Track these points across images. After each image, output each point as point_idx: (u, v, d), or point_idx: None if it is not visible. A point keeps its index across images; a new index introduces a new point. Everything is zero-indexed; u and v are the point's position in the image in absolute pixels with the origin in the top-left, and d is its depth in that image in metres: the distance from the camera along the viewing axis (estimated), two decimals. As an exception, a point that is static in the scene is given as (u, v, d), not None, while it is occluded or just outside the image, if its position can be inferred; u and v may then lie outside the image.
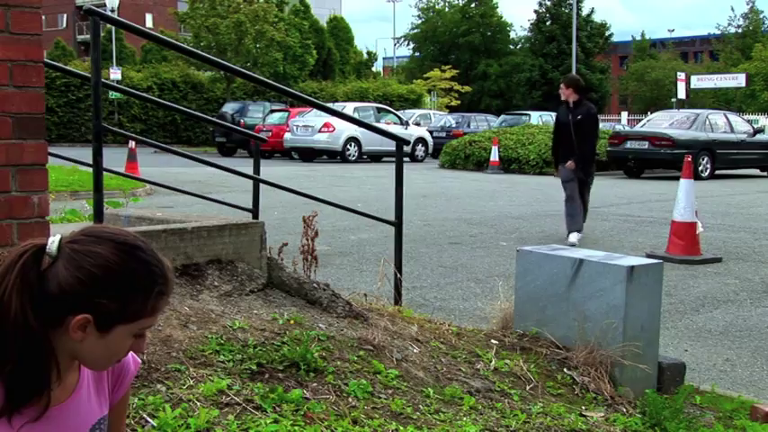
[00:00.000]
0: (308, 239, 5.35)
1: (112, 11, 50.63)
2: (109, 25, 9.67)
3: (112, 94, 36.13)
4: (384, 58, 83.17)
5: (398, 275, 5.54)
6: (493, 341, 4.42)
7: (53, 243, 1.62)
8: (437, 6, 68.65)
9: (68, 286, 1.60)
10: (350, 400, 3.43)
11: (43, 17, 3.68)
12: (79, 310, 1.61)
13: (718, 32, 57.06)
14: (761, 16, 53.39)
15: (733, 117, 24.16)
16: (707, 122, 22.32)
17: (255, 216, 5.82)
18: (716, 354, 5.68)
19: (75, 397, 1.75)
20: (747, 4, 55.36)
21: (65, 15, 75.07)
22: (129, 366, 1.88)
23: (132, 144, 17.35)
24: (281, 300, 4.56)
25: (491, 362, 4.13)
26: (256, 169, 6.31)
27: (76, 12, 71.91)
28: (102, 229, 1.70)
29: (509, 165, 23.40)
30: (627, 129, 29.99)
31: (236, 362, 3.53)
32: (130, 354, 1.84)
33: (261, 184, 6.09)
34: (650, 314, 4.37)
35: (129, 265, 1.64)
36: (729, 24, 55.52)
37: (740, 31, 54.06)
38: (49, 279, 1.60)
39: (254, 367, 3.51)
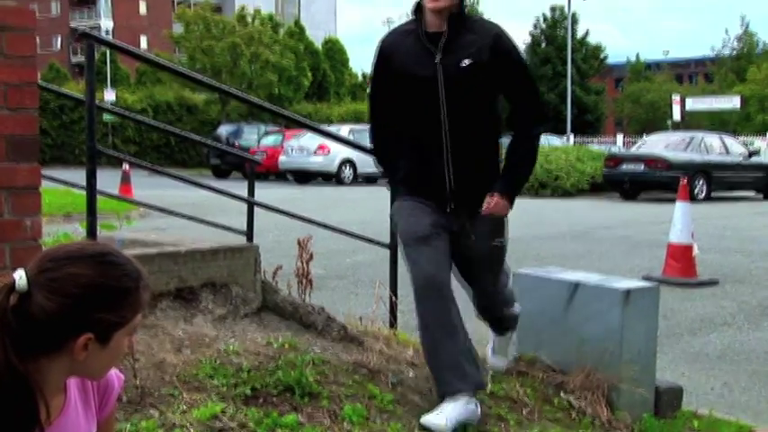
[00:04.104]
0: (302, 262, 5.33)
1: (107, 33, 50.82)
2: (103, 47, 9.69)
3: (107, 116, 36.15)
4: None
5: (394, 298, 5.53)
6: (488, 365, 4.41)
7: (21, 278, 1.60)
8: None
9: (58, 313, 1.60)
10: (345, 424, 3.41)
11: (38, 39, 3.69)
12: (77, 331, 1.62)
13: (713, 55, 57.28)
14: (755, 39, 53.59)
15: (728, 139, 24.24)
16: (702, 145, 22.42)
17: (250, 239, 5.81)
18: (713, 377, 5.66)
19: (63, 417, 1.75)
20: (741, 27, 55.66)
21: (59, 37, 75.33)
22: (114, 383, 1.89)
23: (126, 166, 17.32)
24: (275, 323, 4.54)
25: (488, 386, 4.11)
26: (251, 191, 6.30)
27: (71, 34, 72.09)
28: (64, 249, 1.70)
29: (505, 187, 23.40)
30: (622, 151, 30.04)
31: (231, 386, 3.51)
32: (113, 371, 1.86)
33: (256, 207, 6.08)
34: (647, 337, 4.36)
35: (109, 274, 1.66)
36: (724, 46, 55.74)
37: (735, 53, 54.28)
38: (32, 313, 1.59)
39: (249, 392, 3.49)
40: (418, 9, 3.82)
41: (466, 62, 3.72)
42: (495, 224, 3.93)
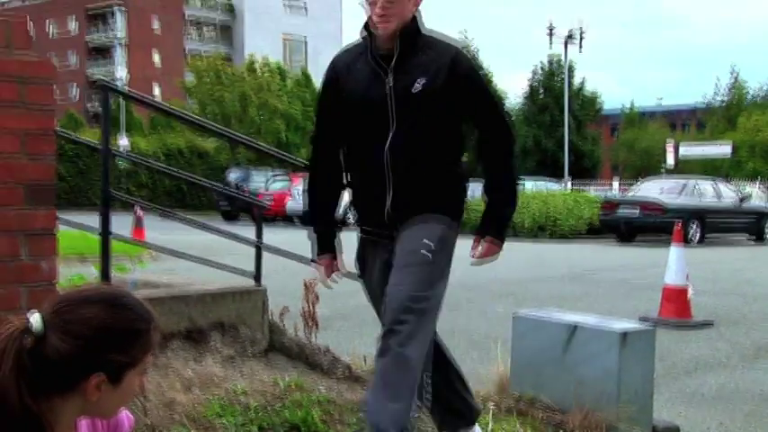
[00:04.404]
0: (309, 304, 5.33)
1: (122, 82, 51.10)
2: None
3: (120, 162, 36.33)
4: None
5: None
6: (490, 404, 4.39)
7: (36, 321, 1.61)
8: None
9: (72, 354, 1.60)
10: (349, 463, 3.39)
11: (56, 89, 3.72)
12: (90, 371, 1.62)
13: (705, 103, 57.51)
14: (744, 89, 53.82)
15: (720, 185, 24.27)
16: (696, 190, 22.48)
17: (258, 281, 5.80)
18: (709, 417, 5.62)
19: None
20: (731, 77, 55.96)
21: (74, 85, 75.80)
22: (124, 422, 1.89)
23: (139, 210, 17.38)
24: (282, 363, 4.53)
25: (488, 425, 4.09)
26: (259, 235, 6.31)
27: (87, 83, 72.62)
28: (78, 292, 1.71)
29: (504, 230, 23.44)
30: (618, 196, 30.08)
31: (239, 425, 3.50)
32: (124, 410, 1.85)
33: (263, 250, 6.08)
34: (644, 378, 4.34)
35: (121, 316, 1.67)
36: (715, 95, 55.98)
37: (725, 102, 54.49)
38: (47, 355, 1.60)
39: (256, 430, 3.48)
40: (368, 27, 3.38)
41: (419, 85, 3.26)
42: (427, 231, 3.37)
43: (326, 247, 3.65)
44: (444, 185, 3.45)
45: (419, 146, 3.33)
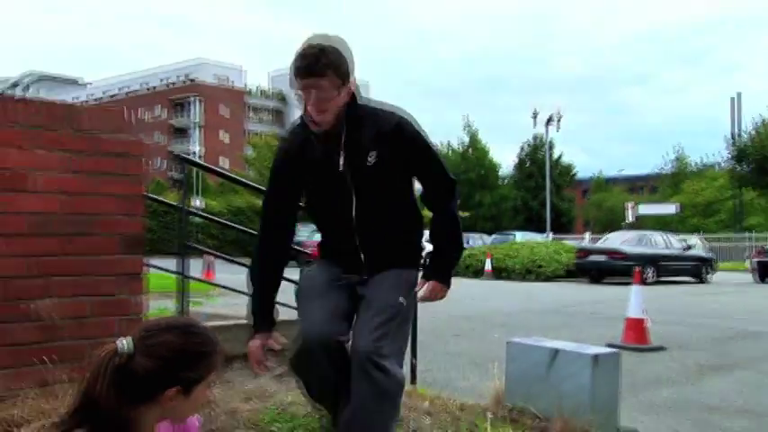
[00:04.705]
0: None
1: (197, 155, 51.62)
2: (193, 167, 9.92)
3: (195, 218, 36.58)
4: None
5: (414, 360, 5.46)
6: (488, 413, 4.31)
7: (128, 343, 1.63)
8: (443, 152, 69.61)
9: (154, 372, 1.62)
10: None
11: (145, 161, 3.77)
12: (167, 385, 1.63)
13: (657, 172, 57.54)
14: (687, 160, 53.89)
15: (669, 237, 24.09)
16: (650, 241, 22.42)
17: (303, 313, 5.79)
18: (664, 424, 5.50)
19: None
20: (676, 151, 56.25)
21: (160, 158, 76.67)
22: (195, 424, 1.88)
23: (209, 257, 17.54)
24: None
25: (487, 430, 4.02)
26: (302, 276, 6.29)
27: (170, 156, 73.51)
28: (160, 321, 1.73)
29: (500, 273, 23.29)
30: (590, 245, 29.90)
31: (288, 429, 3.46)
32: (195, 418, 1.85)
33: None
34: (611, 392, 4.26)
35: (192, 341, 1.68)
36: (663, 166, 56.08)
37: (672, 171, 54.45)
38: (135, 371, 1.61)
39: (301, 435, 3.43)
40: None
41: (371, 158, 2.73)
42: (402, 280, 2.91)
43: (262, 326, 2.92)
44: (409, 242, 3.00)
45: (382, 212, 2.86)
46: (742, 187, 42.61)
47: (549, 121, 45.75)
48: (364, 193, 2.81)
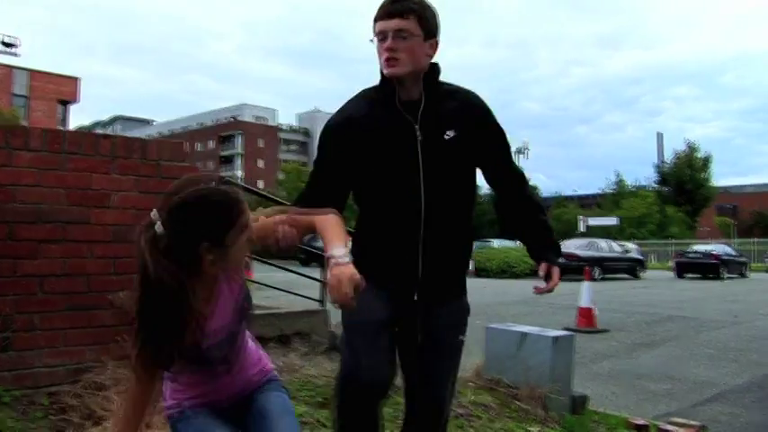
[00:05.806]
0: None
1: (241, 180, 51.52)
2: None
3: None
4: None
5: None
6: (470, 384, 4.33)
7: (156, 216, 1.46)
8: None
9: (182, 236, 1.45)
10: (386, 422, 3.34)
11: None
12: (197, 243, 1.46)
13: (602, 192, 57.94)
14: (625, 183, 54.47)
15: (612, 243, 24.36)
16: (597, 246, 22.66)
17: (323, 304, 5.80)
18: (606, 389, 5.52)
19: (222, 296, 1.62)
20: (616, 176, 57.04)
21: (211, 183, 76.54)
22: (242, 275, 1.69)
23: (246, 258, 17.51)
24: (338, 358, 4.50)
25: (469, 396, 4.04)
26: (323, 275, 6.31)
27: (219, 179, 73.40)
28: (176, 189, 1.52)
29: (480, 272, 23.33)
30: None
31: (311, 396, 3.48)
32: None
33: (325, 284, 6.05)
34: (566, 365, 4.27)
35: (209, 200, 1.49)
36: (606, 187, 56.71)
37: (613, 191, 54.94)
38: (164, 237, 1.44)
39: (321, 400, 3.45)
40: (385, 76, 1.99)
41: (450, 134, 1.98)
42: (460, 317, 2.30)
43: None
44: (466, 261, 2.25)
45: (450, 200, 2.06)
46: (665, 204, 44.64)
47: (519, 151, 45.80)
48: (434, 174, 1.99)
